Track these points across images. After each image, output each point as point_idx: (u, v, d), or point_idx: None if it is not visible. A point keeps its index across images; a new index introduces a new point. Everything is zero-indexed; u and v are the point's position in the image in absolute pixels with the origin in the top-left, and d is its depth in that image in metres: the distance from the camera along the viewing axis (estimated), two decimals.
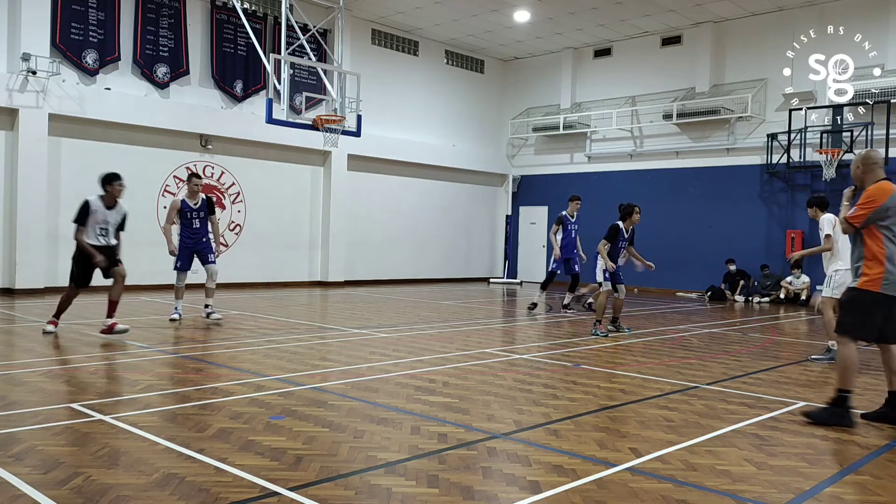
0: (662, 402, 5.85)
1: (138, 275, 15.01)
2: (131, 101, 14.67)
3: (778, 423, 5.25)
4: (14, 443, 4.29)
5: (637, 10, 17.40)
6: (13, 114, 13.38)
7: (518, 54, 21.83)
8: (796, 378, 7.04)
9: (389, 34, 19.47)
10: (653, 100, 19.38)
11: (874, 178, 5.36)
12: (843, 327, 5.39)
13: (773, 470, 4.17)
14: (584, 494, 3.67)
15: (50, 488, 3.54)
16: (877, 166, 5.42)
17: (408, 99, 19.99)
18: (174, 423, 4.82)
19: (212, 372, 6.69)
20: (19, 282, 13.35)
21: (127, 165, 14.81)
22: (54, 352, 7.49)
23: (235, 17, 15.97)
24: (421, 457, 4.21)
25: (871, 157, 5.48)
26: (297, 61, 13.97)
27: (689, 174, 18.57)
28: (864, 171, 5.45)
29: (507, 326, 11.31)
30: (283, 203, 17.51)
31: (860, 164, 5.48)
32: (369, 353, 7.96)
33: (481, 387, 6.24)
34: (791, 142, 16.41)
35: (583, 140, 20.66)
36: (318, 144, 16.04)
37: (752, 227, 17.53)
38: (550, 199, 21.24)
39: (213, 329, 9.46)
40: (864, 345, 5.99)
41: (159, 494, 3.51)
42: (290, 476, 3.82)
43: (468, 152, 21.35)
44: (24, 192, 13.36)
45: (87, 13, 14.14)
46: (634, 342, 9.39)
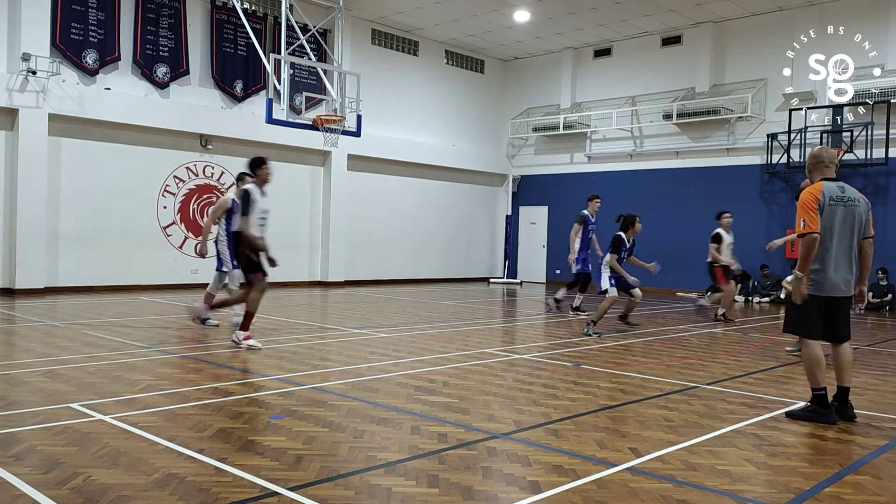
0: (662, 402, 5.85)
1: (138, 275, 15.05)
2: (131, 101, 14.67)
3: (778, 423, 5.25)
4: (14, 443, 4.29)
5: (637, 10, 17.40)
6: (13, 114, 13.38)
7: (518, 54, 21.83)
8: (796, 378, 7.04)
9: (389, 34, 19.47)
10: (653, 100, 19.38)
11: (819, 176, 5.41)
12: (785, 326, 5.53)
13: (773, 470, 4.17)
14: (584, 494, 3.67)
15: (50, 488, 3.55)
16: (822, 164, 5.43)
17: (408, 99, 19.99)
18: (174, 423, 4.82)
19: (212, 372, 6.68)
20: (19, 282, 13.35)
21: (127, 165, 14.89)
22: (54, 352, 7.49)
23: (235, 17, 15.97)
24: (421, 457, 4.21)
25: (816, 156, 5.48)
26: (297, 61, 13.97)
27: (689, 174, 18.57)
28: (809, 169, 5.54)
29: (507, 326, 11.31)
30: (283, 203, 17.48)
31: (808, 161, 5.56)
32: (369, 353, 7.96)
33: (481, 387, 6.24)
34: (791, 142, 16.41)
35: (583, 140, 20.66)
36: (318, 144, 16.04)
37: (752, 227, 17.51)
38: (550, 199, 21.25)
39: (213, 329, 9.45)
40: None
41: (159, 494, 3.51)
42: (290, 476, 3.82)
43: (468, 152, 21.35)
44: (24, 192, 13.36)
45: (87, 13, 14.14)
46: (634, 342, 9.39)
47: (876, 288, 15.33)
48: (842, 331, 5.38)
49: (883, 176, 15.67)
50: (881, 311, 15.11)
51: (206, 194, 16.07)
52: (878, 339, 10.53)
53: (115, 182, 14.64)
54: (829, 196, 5.20)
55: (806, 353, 5.33)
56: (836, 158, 5.52)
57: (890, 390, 6.62)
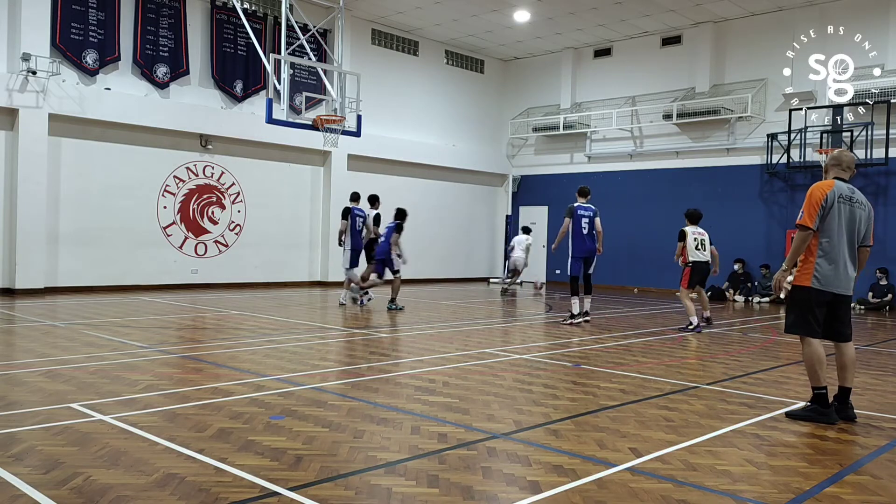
0: (662, 402, 5.85)
1: (138, 275, 15.05)
2: (131, 101, 14.67)
3: (778, 423, 5.25)
4: (14, 443, 4.29)
5: (637, 10, 17.41)
6: (13, 114, 13.38)
7: (518, 54, 21.83)
8: (796, 378, 7.04)
9: (389, 34, 19.47)
10: (653, 100, 19.38)
11: (833, 176, 5.47)
12: (787, 326, 5.51)
13: (773, 470, 4.17)
14: (584, 494, 3.66)
15: (50, 488, 3.54)
16: (839, 167, 5.48)
17: (408, 99, 19.99)
18: (174, 423, 4.82)
19: (212, 372, 6.69)
20: (19, 282, 13.35)
21: (127, 165, 14.89)
22: (54, 352, 7.49)
23: (235, 17, 15.97)
24: (421, 457, 4.21)
25: (836, 158, 5.54)
26: (297, 61, 13.97)
27: (689, 174, 18.57)
28: (826, 169, 5.61)
29: (507, 326, 11.30)
30: (283, 203, 17.52)
31: (828, 160, 5.61)
32: (369, 353, 7.96)
33: (481, 387, 6.24)
34: (791, 142, 16.41)
35: (583, 140, 20.67)
36: (318, 144, 16.04)
37: (752, 227, 17.53)
38: (550, 199, 21.25)
39: (213, 329, 9.46)
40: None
41: (159, 494, 3.51)
42: (290, 476, 3.82)
43: (468, 152, 21.36)
44: (24, 192, 13.36)
45: (87, 13, 14.14)
46: (634, 342, 9.39)
47: (876, 288, 15.33)
48: (844, 329, 5.38)
49: (883, 176, 15.67)
50: (881, 311, 15.11)
51: (205, 194, 16.07)
52: (878, 339, 10.53)
53: (115, 182, 14.65)
54: (839, 194, 5.26)
55: (807, 352, 5.32)
56: (854, 164, 5.56)
57: (890, 390, 6.62)
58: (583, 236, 11.14)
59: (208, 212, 16.13)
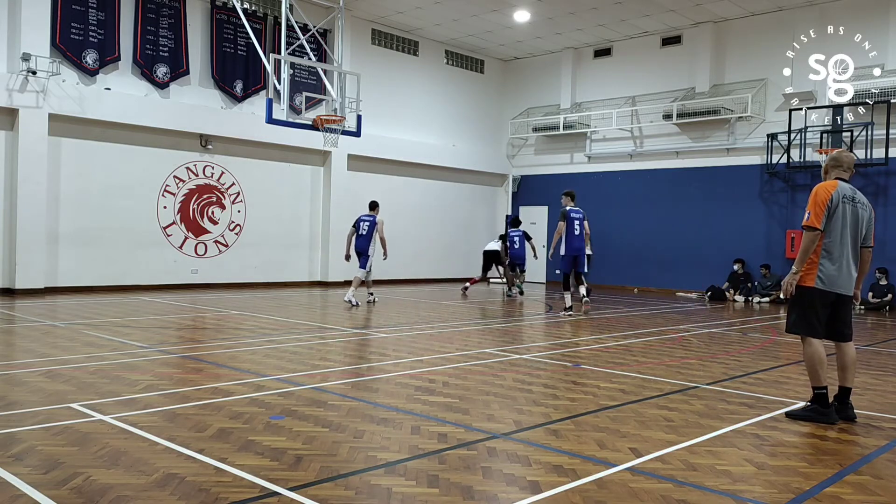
0: (662, 402, 5.85)
1: (138, 275, 15.05)
2: (131, 101, 14.67)
3: (778, 423, 5.25)
4: (14, 443, 4.29)
5: (637, 10, 17.40)
6: (13, 114, 13.38)
7: (518, 54, 21.83)
8: (796, 378, 7.04)
9: (389, 34, 19.47)
10: (653, 100, 19.38)
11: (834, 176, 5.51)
12: (788, 326, 5.52)
13: (773, 470, 4.17)
14: (584, 494, 3.66)
15: (50, 488, 3.54)
16: (840, 168, 5.53)
17: (408, 99, 19.99)
18: (174, 423, 4.82)
19: (212, 372, 6.69)
20: (19, 282, 13.35)
21: (127, 165, 14.89)
22: (54, 352, 7.49)
23: (235, 17, 15.97)
24: (421, 457, 4.21)
25: (836, 158, 5.57)
26: (297, 61, 13.97)
27: (689, 174, 18.57)
28: (826, 170, 5.63)
29: (507, 326, 11.30)
30: (283, 203, 17.52)
31: (828, 161, 5.65)
32: (369, 353, 7.96)
33: (481, 387, 6.24)
34: (791, 142, 16.41)
35: (583, 140, 20.67)
36: (318, 144, 16.04)
37: (752, 227, 17.53)
38: (550, 199, 21.22)
39: (213, 329, 9.46)
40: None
41: (159, 494, 3.51)
42: (290, 476, 3.82)
43: (468, 152, 21.36)
44: (24, 192, 13.36)
45: (87, 13, 14.14)
46: (634, 342, 9.39)
47: (876, 288, 15.33)
48: (845, 329, 5.39)
49: (883, 176, 15.67)
50: (881, 311, 15.11)
51: (205, 194, 16.08)
52: (878, 339, 10.53)
53: (115, 182, 14.65)
54: (843, 194, 5.30)
55: (809, 352, 5.32)
56: (853, 164, 5.61)
57: (890, 390, 6.62)
58: (575, 237, 12.45)
59: (208, 212, 16.13)
